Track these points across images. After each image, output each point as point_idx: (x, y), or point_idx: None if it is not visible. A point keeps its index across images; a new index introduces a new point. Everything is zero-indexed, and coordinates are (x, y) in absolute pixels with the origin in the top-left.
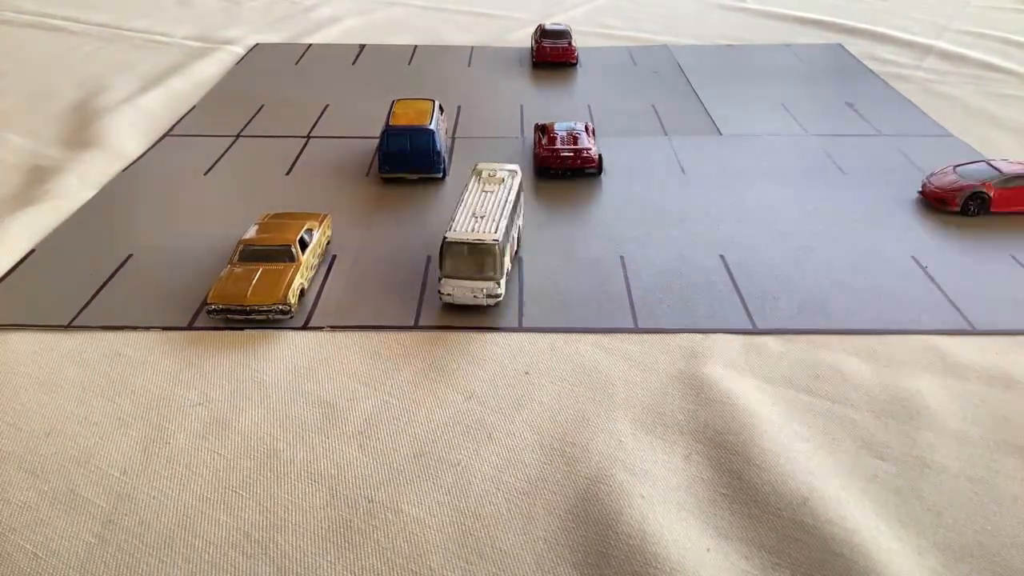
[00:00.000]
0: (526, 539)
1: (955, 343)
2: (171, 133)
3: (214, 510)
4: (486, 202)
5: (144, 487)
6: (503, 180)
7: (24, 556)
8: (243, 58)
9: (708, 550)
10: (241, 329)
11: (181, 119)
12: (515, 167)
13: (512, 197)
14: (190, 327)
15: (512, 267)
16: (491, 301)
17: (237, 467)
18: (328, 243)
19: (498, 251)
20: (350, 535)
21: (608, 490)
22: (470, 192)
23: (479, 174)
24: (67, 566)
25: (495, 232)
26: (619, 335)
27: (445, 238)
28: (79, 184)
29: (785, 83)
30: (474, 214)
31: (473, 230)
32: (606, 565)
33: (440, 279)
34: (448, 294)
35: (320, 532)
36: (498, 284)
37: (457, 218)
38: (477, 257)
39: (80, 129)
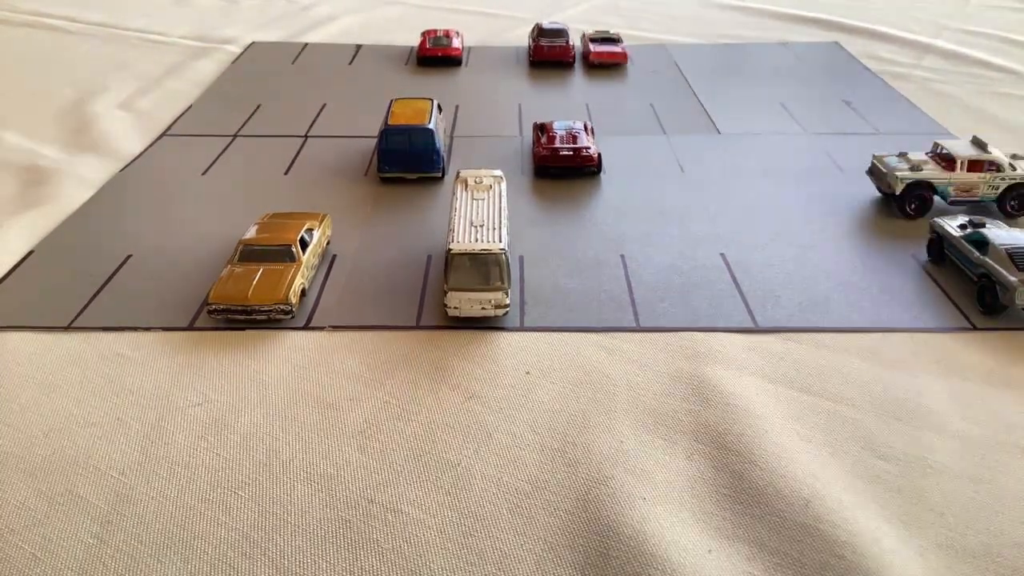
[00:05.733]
0: (526, 539)
1: (956, 342)
2: (168, 133)
3: (213, 510)
4: (480, 210)
5: (143, 487)
6: (490, 187)
7: (23, 557)
8: (239, 57)
9: (710, 551)
10: (242, 329)
11: (178, 119)
12: (499, 172)
13: (504, 203)
14: (190, 327)
15: None
16: (499, 312)
17: (236, 467)
18: (328, 243)
19: (505, 260)
20: (350, 535)
21: (609, 491)
22: (460, 200)
23: (464, 182)
24: (66, 567)
25: (499, 241)
26: (620, 334)
27: (450, 249)
28: (77, 184)
29: (783, 82)
30: (472, 223)
31: (476, 240)
32: (607, 566)
33: (446, 292)
34: (455, 307)
35: (320, 533)
36: (506, 294)
37: (456, 228)
38: (484, 267)
39: (78, 129)
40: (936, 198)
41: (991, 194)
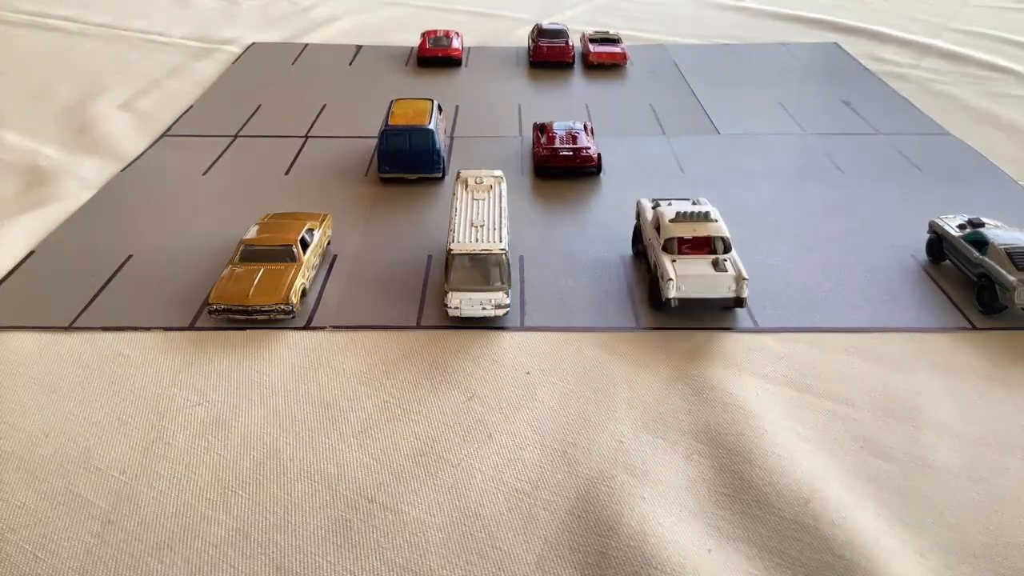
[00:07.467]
0: (526, 539)
1: (956, 342)
2: (169, 133)
3: (214, 510)
4: (480, 210)
5: (144, 487)
6: (491, 187)
7: (23, 556)
8: (239, 58)
9: (710, 551)
10: (243, 329)
11: (179, 119)
12: (499, 172)
13: (504, 204)
14: (191, 327)
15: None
16: (499, 312)
17: (237, 467)
18: (328, 243)
19: (505, 260)
20: (350, 535)
21: (609, 490)
22: (461, 200)
23: (465, 182)
24: (66, 566)
25: (500, 241)
26: (620, 334)
27: (450, 249)
28: (78, 185)
29: (782, 82)
30: (472, 223)
31: (477, 240)
32: (607, 566)
33: (446, 292)
34: (456, 307)
35: (320, 532)
36: (506, 294)
37: (457, 228)
38: (484, 268)
39: (78, 129)
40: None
41: None
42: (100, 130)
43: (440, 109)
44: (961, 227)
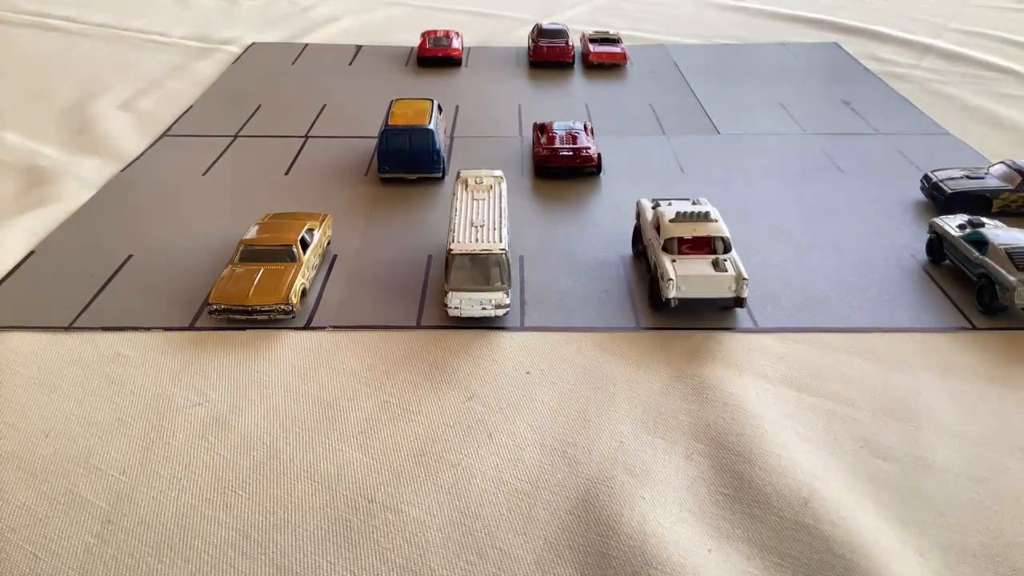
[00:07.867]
0: (526, 539)
1: (956, 342)
2: (169, 133)
3: (214, 510)
4: (480, 210)
5: (144, 487)
6: (491, 187)
7: (23, 556)
8: (239, 58)
9: (710, 551)
10: (243, 329)
11: (179, 119)
12: (499, 172)
13: (504, 204)
14: (191, 327)
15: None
16: (499, 312)
17: (237, 467)
18: (328, 243)
19: (505, 260)
20: (350, 535)
21: (609, 490)
22: (461, 200)
23: (465, 182)
24: (66, 566)
25: (500, 241)
26: (620, 334)
27: (450, 249)
28: (78, 185)
29: (782, 82)
30: (472, 223)
31: (477, 240)
32: (607, 566)
33: (446, 292)
34: (456, 307)
35: (320, 532)
36: (506, 294)
37: (457, 228)
38: (484, 268)
39: (78, 129)
40: None
41: None
42: (100, 130)
43: (440, 109)
44: (961, 227)
